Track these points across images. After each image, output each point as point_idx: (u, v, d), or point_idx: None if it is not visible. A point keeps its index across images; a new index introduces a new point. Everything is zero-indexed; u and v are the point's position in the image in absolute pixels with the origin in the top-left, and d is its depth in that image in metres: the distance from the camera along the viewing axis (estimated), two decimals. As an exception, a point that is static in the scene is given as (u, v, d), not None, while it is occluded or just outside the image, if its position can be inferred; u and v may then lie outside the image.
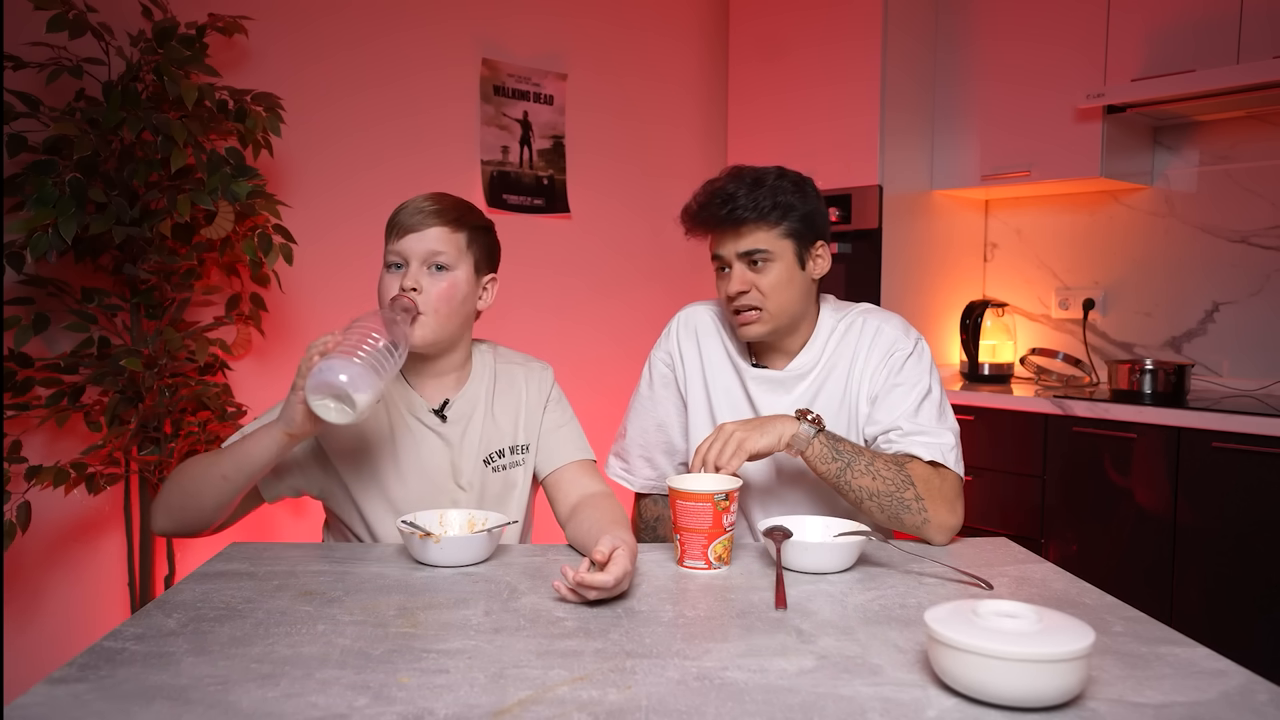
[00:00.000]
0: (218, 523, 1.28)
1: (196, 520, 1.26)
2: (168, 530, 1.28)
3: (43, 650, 2.07)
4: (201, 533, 1.29)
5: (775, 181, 1.42)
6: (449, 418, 1.38)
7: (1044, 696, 0.78)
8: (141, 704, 0.79)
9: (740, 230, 1.41)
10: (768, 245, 1.41)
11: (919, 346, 1.47)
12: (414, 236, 1.31)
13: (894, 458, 1.35)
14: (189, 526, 1.27)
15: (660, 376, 1.61)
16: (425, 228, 1.31)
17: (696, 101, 3.43)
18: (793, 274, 1.44)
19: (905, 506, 1.32)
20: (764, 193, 1.40)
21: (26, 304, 1.95)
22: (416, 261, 1.31)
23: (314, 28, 2.51)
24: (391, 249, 1.33)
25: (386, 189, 2.63)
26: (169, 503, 1.26)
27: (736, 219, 1.40)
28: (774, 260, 1.42)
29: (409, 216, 1.32)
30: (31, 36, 1.91)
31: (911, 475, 1.33)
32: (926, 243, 3.09)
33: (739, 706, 0.80)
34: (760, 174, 1.43)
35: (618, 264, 3.22)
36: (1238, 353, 2.69)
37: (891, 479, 1.32)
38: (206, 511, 1.25)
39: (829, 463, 1.32)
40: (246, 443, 1.21)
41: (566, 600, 1.06)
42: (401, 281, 1.30)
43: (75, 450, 2.00)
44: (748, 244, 1.41)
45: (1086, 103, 2.57)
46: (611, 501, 1.35)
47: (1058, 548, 2.51)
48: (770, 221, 1.41)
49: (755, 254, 1.41)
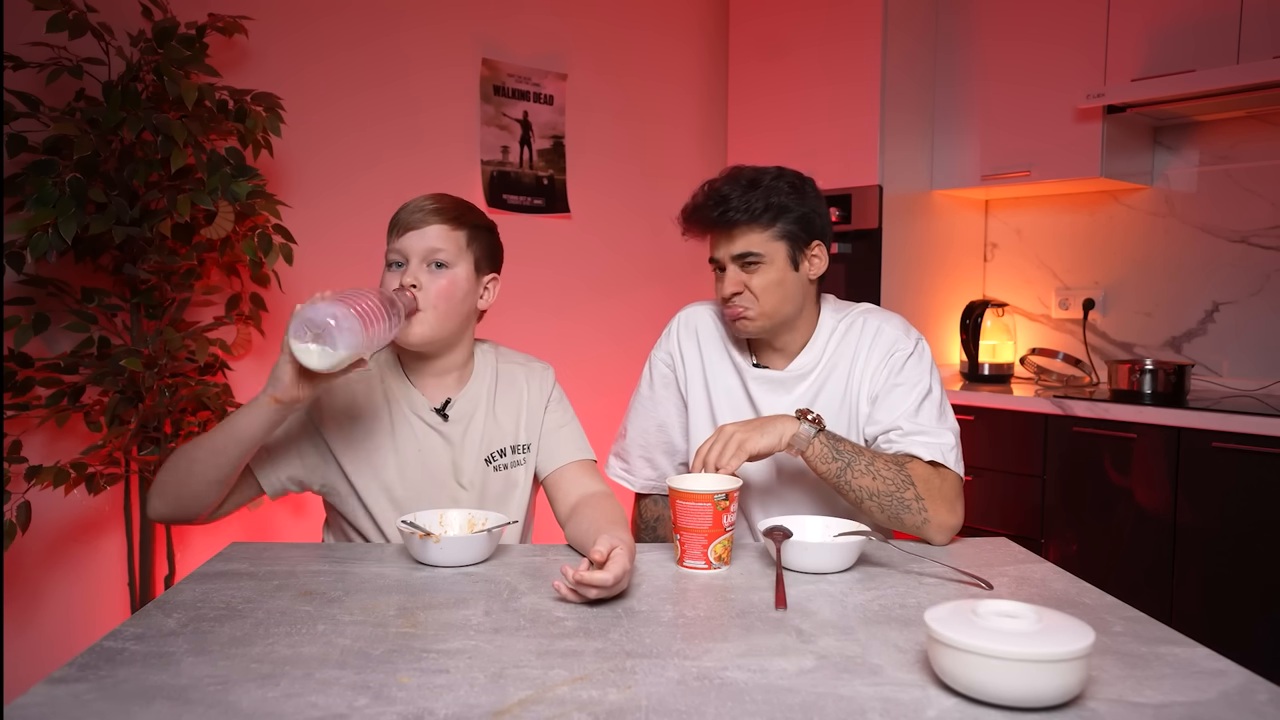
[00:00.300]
0: (213, 505, 1.27)
1: (192, 502, 1.25)
2: (164, 515, 1.27)
3: (43, 650, 2.07)
4: (198, 517, 1.27)
5: (771, 182, 1.41)
6: (450, 417, 1.39)
7: (1044, 696, 0.78)
8: (141, 704, 0.79)
9: (732, 233, 1.41)
10: (759, 248, 1.41)
11: (919, 347, 1.47)
12: (414, 234, 1.31)
13: (894, 458, 1.35)
14: (185, 509, 1.26)
15: (661, 377, 1.61)
16: (425, 225, 1.32)
17: (696, 101, 3.43)
18: (784, 275, 1.43)
19: (905, 506, 1.31)
20: (758, 195, 1.39)
21: (26, 304, 1.95)
22: (416, 259, 1.31)
23: (314, 28, 2.51)
24: (392, 247, 1.33)
25: (386, 189, 2.64)
26: (164, 486, 1.25)
27: (728, 221, 1.40)
28: (765, 262, 1.42)
29: (409, 215, 1.33)
30: (31, 36, 1.91)
31: (912, 475, 1.33)
32: (926, 243, 3.09)
33: (739, 706, 0.80)
34: (758, 174, 1.43)
35: (618, 264, 3.22)
36: (1238, 353, 2.69)
37: (892, 479, 1.32)
38: (201, 492, 1.24)
39: (829, 462, 1.32)
40: (235, 416, 1.20)
41: (567, 600, 1.06)
42: (401, 278, 1.31)
43: (75, 450, 2.00)
44: (740, 246, 1.42)
45: (1086, 103, 2.57)
46: (611, 501, 1.35)
47: (1058, 548, 2.51)
48: (762, 224, 1.40)
49: (747, 256, 1.41)
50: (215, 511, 1.30)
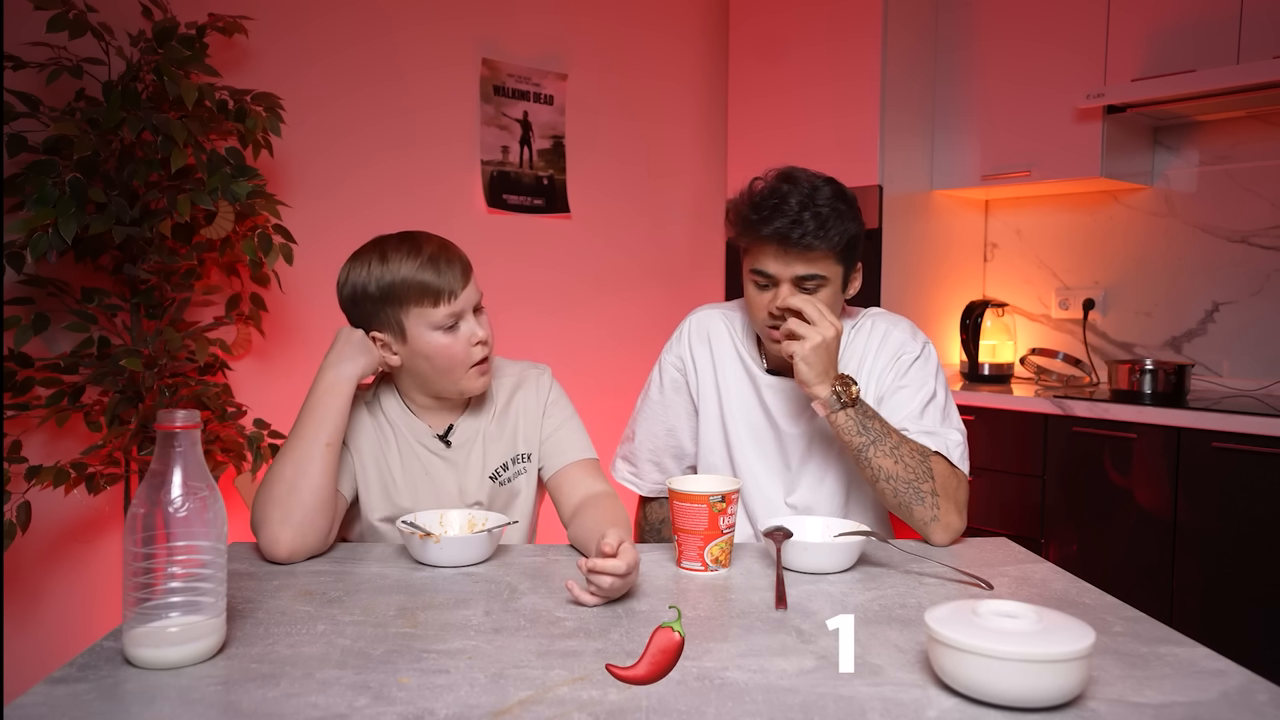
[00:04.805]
0: (331, 513, 1.24)
1: (312, 511, 1.21)
2: (292, 542, 1.19)
3: (43, 650, 2.07)
4: (323, 527, 1.23)
5: (834, 203, 1.36)
6: (453, 443, 1.39)
7: (1044, 696, 0.78)
8: (141, 704, 0.79)
9: (808, 255, 1.35)
10: (826, 271, 1.37)
11: (926, 350, 1.47)
12: (468, 289, 1.32)
13: (921, 448, 1.35)
14: (306, 526, 1.20)
15: (671, 381, 1.60)
16: (468, 278, 1.33)
17: (696, 101, 3.43)
18: (837, 296, 1.42)
19: (920, 498, 1.31)
20: (830, 218, 1.34)
21: (26, 304, 1.95)
22: (470, 306, 1.33)
23: (314, 28, 2.51)
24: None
25: (386, 189, 2.64)
26: (284, 507, 1.19)
27: (807, 244, 1.34)
28: (826, 285, 1.38)
29: None
30: (31, 36, 1.91)
31: (933, 469, 1.33)
32: (926, 243, 3.09)
33: (739, 706, 0.80)
34: (815, 192, 1.36)
35: (618, 264, 3.22)
36: (1238, 353, 2.69)
37: (914, 467, 1.32)
38: (321, 496, 1.21)
39: (854, 436, 1.32)
40: (317, 411, 1.24)
41: (579, 602, 1.05)
42: (475, 332, 1.33)
43: (75, 450, 2.00)
44: (807, 268, 1.36)
45: (1086, 103, 2.57)
46: (614, 502, 1.35)
47: (1058, 548, 2.51)
48: (832, 248, 1.36)
49: (813, 279, 1.37)
50: (332, 527, 1.26)
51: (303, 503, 1.20)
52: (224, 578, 0.91)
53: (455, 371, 1.31)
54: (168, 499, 0.86)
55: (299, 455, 1.22)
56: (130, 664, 0.87)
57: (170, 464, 0.87)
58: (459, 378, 1.32)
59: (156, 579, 0.87)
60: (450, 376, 1.32)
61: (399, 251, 1.28)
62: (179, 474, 0.87)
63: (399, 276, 1.27)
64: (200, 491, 0.88)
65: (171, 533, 0.87)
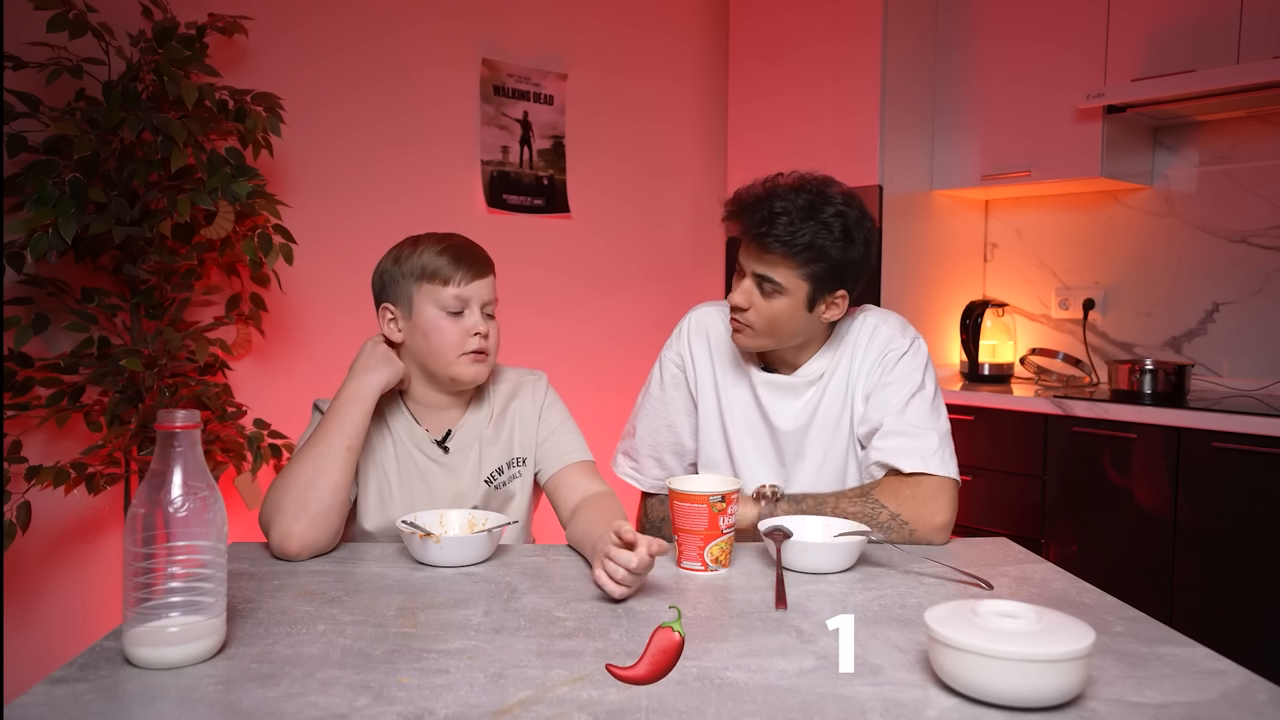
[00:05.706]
0: (343, 515, 1.27)
1: (328, 508, 1.23)
2: (305, 537, 1.21)
3: (43, 650, 2.07)
4: (335, 526, 1.25)
5: (828, 219, 1.35)
6: (451, 449, 1.41)
7: (1044, 696, 0.78)
8: (141, 704, 0.79)
9: (765, 255, 1.37)
10: (783, 280, 1.37)
11: (915, 345, 1.47)
12: (479, 283, 1.36)
13: (858, 491, 1.38)
14: (320, 522, 1.23)
15: (671, 377, 1.61)
16: (484, 276, 1.37)
17: (696, 101, 3.43)
18: (796, 312, 1.40)
19: (886, 528, 1.34)
20: (806, 229, 1.33)
21: (26, 304, 1.95)
22: (479, 305, 1.37)
23: (314, 27, 2.51)
24: (456, 295, 1.35)
25: (386, 189, 2.64)
26: (300, 502, 1.21)
27: (764, 243, 1.35)
28: (783, 294, 1.38)
29: (469, 265, 1.36)
30: (31, 36, 1.91)
31: (879, 499, 1.35)
32: (926, 243, 3.09)
33: (739, 706, 0.80)
34: (818, 202, 1.36)
35: (618, 264, 3.22)
36: (1238, 353, 2.69)
37: (860, 512, 1.34)
38: (339, 496, 1.25)
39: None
40: (341, 416, 1.27)
41: (604, 589, 1.06)
42: (472, 325, 1.36)
43: (75, 450, 2.00)
44: (765, 269, 1.38)
45: (1086, 103, 2.57)
46: (612, 501, 1.36)
47: (1058, 548, 2.51)
48: (798, 260, 1.36)
49: (768, 281, 1.38)
50: (340, 524, 1.28)
51: (321, 499, 1.23)
52: (224, 578, 0.91)
53: (447, 353, 1.34)
54: (168, 499, 0.86)
55: (320, 454, 1.25)
56: (130, 664, 0.87)
57: (170, 464, 0.87)
58: (450, 360, 1.35)
59: (157, 579, 0.87)
60: (442, 358, 1.35)
61: (430, 240, 1.38)
62: (179, 474, 0.87)
63: (421, 257, 1.36)
64: (200, 491, 0.88)
65: (172, 533, 0.87)
